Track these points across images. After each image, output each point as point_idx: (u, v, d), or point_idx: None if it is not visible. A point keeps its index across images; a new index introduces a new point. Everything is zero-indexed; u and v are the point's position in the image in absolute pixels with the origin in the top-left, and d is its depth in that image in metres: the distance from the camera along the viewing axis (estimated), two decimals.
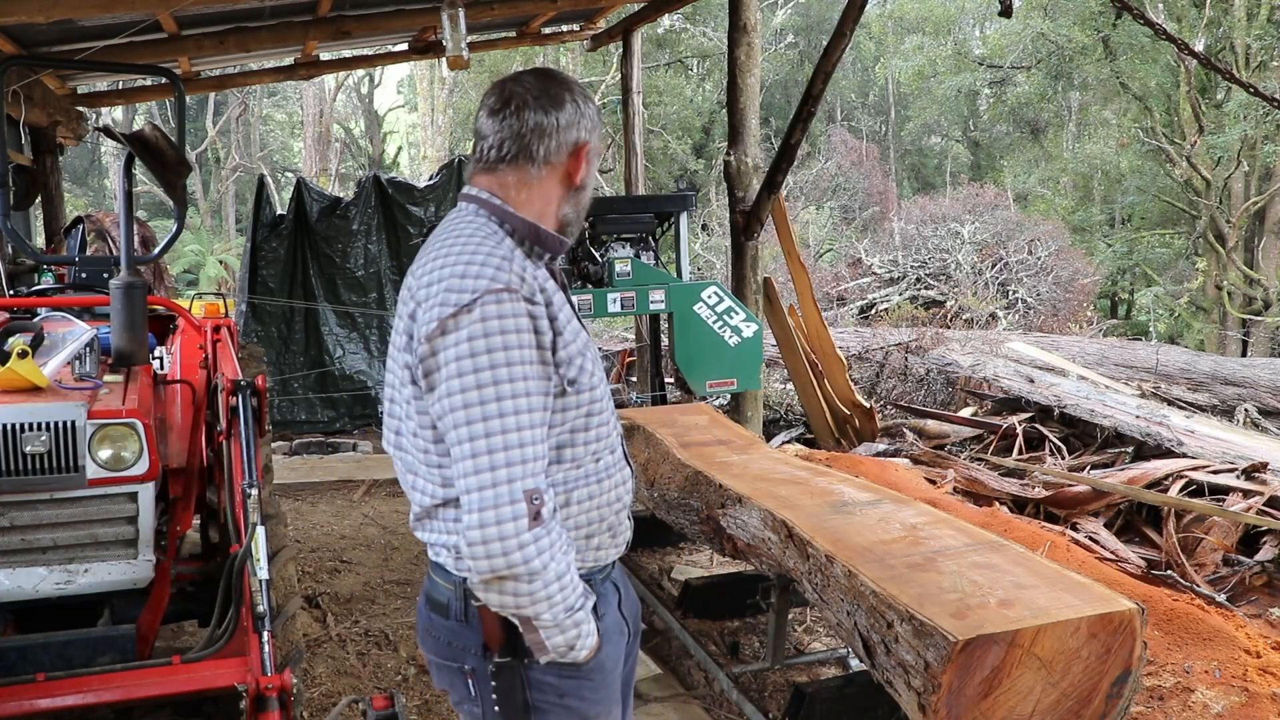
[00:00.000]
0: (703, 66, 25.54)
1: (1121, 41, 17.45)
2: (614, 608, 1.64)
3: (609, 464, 1.60)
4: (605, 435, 1.58)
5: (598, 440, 1.56)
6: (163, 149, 2.96)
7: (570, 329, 1.51)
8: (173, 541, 3.05)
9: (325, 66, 7.97)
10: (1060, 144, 25.49)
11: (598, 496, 1.58)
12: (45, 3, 4.28)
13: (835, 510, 2.89)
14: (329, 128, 24.48)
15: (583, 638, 1.49)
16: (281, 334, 8.30)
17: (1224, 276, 17.41)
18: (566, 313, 1.53)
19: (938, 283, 15.40)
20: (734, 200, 6.09)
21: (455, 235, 1.50)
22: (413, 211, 8.56)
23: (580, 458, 1.54)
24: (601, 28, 7.89)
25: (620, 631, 1.65)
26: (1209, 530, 4.58)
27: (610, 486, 1.60)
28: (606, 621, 1.60)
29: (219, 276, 20.60)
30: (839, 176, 23.16)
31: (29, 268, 5.20)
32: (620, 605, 1.67)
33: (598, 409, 1.55)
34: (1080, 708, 2.04)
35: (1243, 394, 7.62)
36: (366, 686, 3.49)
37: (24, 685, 2.22)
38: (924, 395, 8.42)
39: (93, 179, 28.76)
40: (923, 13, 26.58)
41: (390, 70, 29.15)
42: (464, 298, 1.38)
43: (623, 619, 1.67)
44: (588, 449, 1.55)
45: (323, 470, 6.80)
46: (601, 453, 1.58)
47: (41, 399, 2.57)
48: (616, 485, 1.62)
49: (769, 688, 3.41)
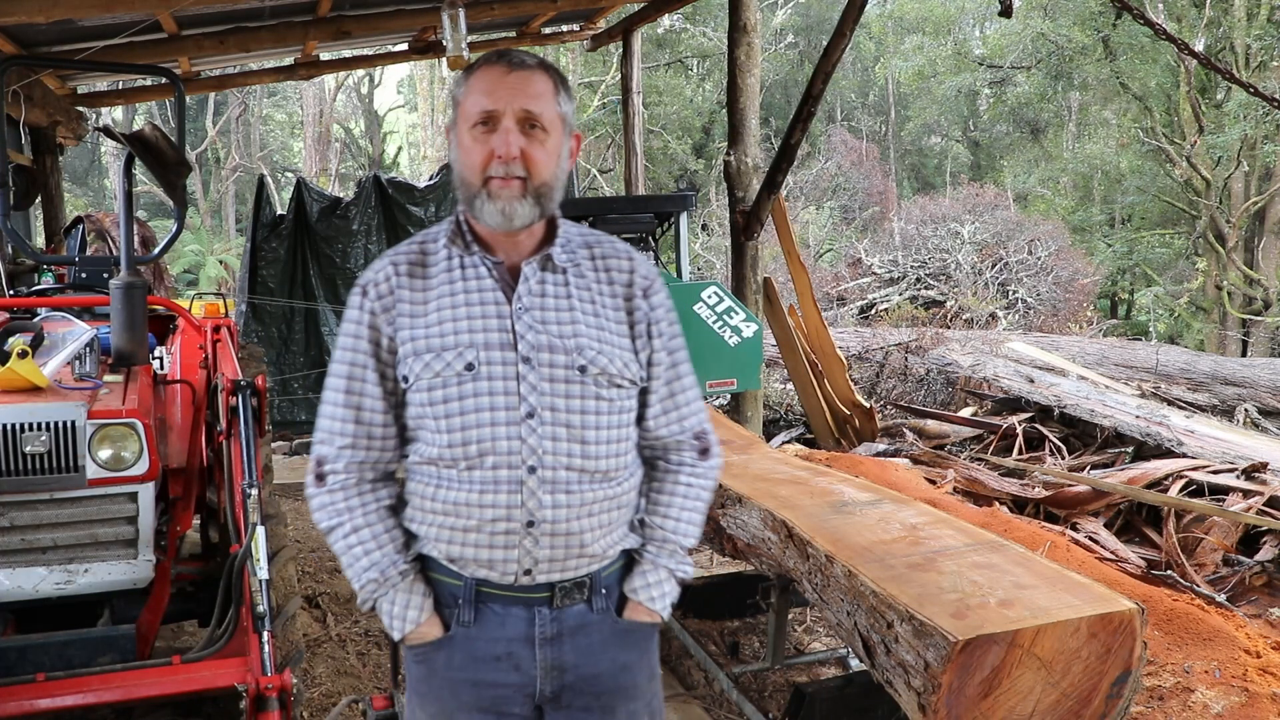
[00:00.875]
0: (703, 66, 25.54)
1: (1121, 41, 17.45)
2: (502, 633, 1.56)
3: (483, 480, 1.50)
4: (464, 444, 1.49)
5: (450, 446, 1.50)
6: (163, 149, 2.96)
7: (430, 329, 1.51)
8: (173, 541, 3.04)
9: (325, 66, 7.98)
10: (1060, 144, 25.49)
11: (444, 502, 1.52)
12: (45, 3, 4.28)
13: (835, 510, 2.89)
14: (329, 128, 24.49)
15: (385, 615, 1.57)
16: (281, 334, 8.30)
17: (1224, 276, 17.41)
18: (445, 314, 1.51)
19: (938, 283, 15.40)
20: (734, 200, 6.09)
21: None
22: (413, 211, 8.56)
23: (425, 452, 1.53)
24: (601, 28, 7.90)
25: (505, 663, 1.56)
26: (1209, 530, 4.58)
27: (470, 501, 1.51)
28: (475, 634, 1.55)
29: (219, 276, 20.60)
30: (839, 176, 23.16)
31: (29, 268, 5.21)
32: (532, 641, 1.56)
33: (441, 413, 1.50)
34: (1080, 708, 2.04)
35: (1243, 394, 7.63)
36: (366, 686, 3.49)
37: (24, 685, 2.22)
38: (924, 395, 8.42)
39: (93, 179, 28.76)
40: (923, 13, 26.59)
41: (390, 70, 29.18)
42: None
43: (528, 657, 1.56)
44: (434, 449, 1.51)
45: None
46: (474, 463, 1.50)
47: (41, 399, 2.57)
48: (487, 506, 1.50)
49: (769, 688, 3.41)
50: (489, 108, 1.46)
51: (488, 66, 1.49)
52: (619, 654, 1.62)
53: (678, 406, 1.65)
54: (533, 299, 1.53)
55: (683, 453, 1.67)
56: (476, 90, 1.48)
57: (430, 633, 1.57)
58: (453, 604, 1.57)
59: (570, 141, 1.57)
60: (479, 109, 1.47)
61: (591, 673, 1.60)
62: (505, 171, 1.46)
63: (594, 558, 1.58)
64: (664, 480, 1.68)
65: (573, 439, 1.51)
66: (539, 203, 1.50)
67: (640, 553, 1.66)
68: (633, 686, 1.65)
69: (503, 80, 1.47)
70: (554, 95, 1.50)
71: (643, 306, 1.60)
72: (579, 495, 1.52)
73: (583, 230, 1.66)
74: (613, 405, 1.55)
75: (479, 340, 1.50)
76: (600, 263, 1.60)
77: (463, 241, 1.56)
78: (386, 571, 1.56)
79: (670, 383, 1.64)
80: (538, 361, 1.50)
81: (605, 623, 1.61)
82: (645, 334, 1.60)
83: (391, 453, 1.60)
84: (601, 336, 1.55)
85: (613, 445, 1.56)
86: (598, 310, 1.57)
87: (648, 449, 1.69)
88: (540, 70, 1.50)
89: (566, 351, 1.51)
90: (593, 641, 1.60)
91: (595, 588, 1.59)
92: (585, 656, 1.59)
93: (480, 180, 1.48)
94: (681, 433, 1.66)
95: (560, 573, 1.55)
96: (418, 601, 1.57)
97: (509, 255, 1.56)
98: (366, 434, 1.56)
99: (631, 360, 1.57)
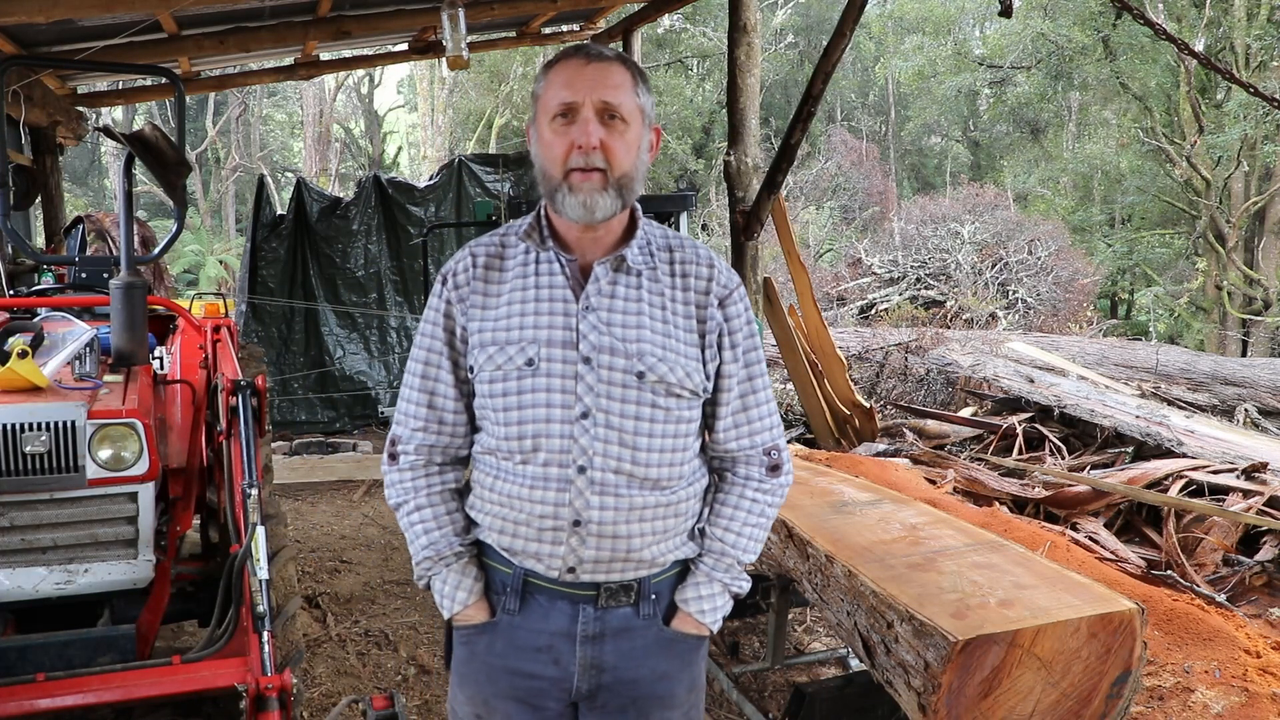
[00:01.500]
0: (703, 66, 25.55)
1: (1121, 41, 17.44)
2: (546, 625, 1.57)
3: (536, 476, 1.51)
4: (520, 437, 1.51)
5: (508, 440, 1.53)
6: (163, 149, 2.96)
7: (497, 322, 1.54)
8: (173, 541, 3.04)
9: (325, 66, 7.97)
10: (1060, 144, 25.49)
11: (501, 493, 1.55)
12: (45, 3, 4.28)
13: (835, 510, 2.89)
14: (329, 128, 24.48)
15: (435, 592, 1.63)
16: (281, 334, 8.30)
17: (1224, 276, 17.41)
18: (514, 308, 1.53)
19: (938, 283, 15.40)
20: (734, 200, 6.08)
21: None
22: (413, 211, 8.56)
23: (487, 442, 1.58)
24: (601, 28, 7.89)
25: (546, 656, 1.57)
26: (1209, 530, 4.58)
27: (523, 495, 1.52)
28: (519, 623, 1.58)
29: (219, 276, 20.61)
30: (839, 176, 23.17)
31: (29, 268, 5.21)
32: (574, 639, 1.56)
33: (501, 406, 1.52)
34: (1080, 708, 2.04)
35: (1243, 394, 7.62)
36: (366, 686, 3.49)
37: (24, 685, 2.21)
38: (924, 395, 8.41)
39: (93, 179, 28.77)
40: (923, 13, 26.58)
41: (390, 70, 29.21)
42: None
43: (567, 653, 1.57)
44: (495, 440, 1.55)
45: (323, 470, 6.80)
46: (522, 455, 1.52)
47: (41, 399, 2.57)
48: (537, 502, 1.52)
49: (769, 688, 3.41)
50: (568, 99, 1.46)
51: (566, 60, 1.51)
52: (660, 662, 1.61)
53: (750, 420, 1.64)
54: (600, 299, 1.53)
55: (751, 467, 1.66)
56: (555, 83, 1.49)
57: (477, 616, 1.61)
58: (501, 591, 1.60)
59: (650, 134, 1.56)
60: (558, 101, 1.47)
61: (630, 677, 1.59)
62: (586, 163, 1.46)
63: (643, 563, 1.57)
64: (729, 493, 1.66)
65: (624, 444, 1.51)
66: (620, 194, 1.50)
67: (696, 563, 1.65)
68: (670, 696, 1.64)
69: (581, 72, 1.48)
70: (633, 87, 1.50)
71: (716, 316, 1.58)
72: (627, 500, 1.52)
73: (668, 232, 1.64)
74: (669, 414, 1.53)
75: (542, 337, 1.51)
76: (679, 267, 1.59)
77: (539, 236, 1.57)
78: (442, 551, 1.61)
79: (744, 396, 1.63)
80: (597, 363, 1.50)
81: (650, 629, 1.60)
82: (716, 344, 1.59)
83: (462, 439, 1.64)
84: (666, 344, 1.53)
85: (666, 454, 1.54)
86: (667, 316, 1.55)
87: (716, 460, 1.68)
88: (618, 62, 1.51)
89: (627, 355, 1.50)
90: (635, 646, 1.59)
91: (644, 593, 1.59)
92: (625, 660, 1.59)
93: (561, 173, 1.48)
94: (752, 447, 1.65)
95: (606, 574, 1.55)
96: (468, 584, 1.61)
97: (585, 253, 1.56)
98: (438, 419, 1.62)
99: (696, 370, 1.55)
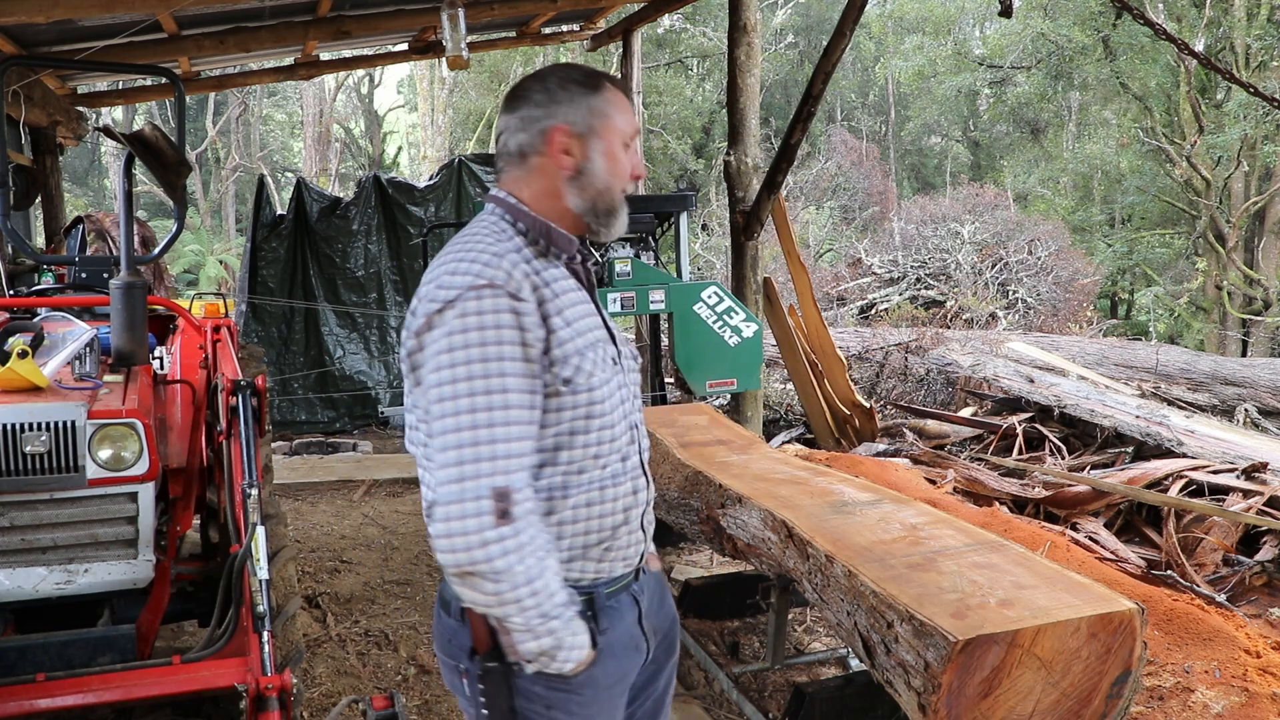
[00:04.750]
0: (703, 66, 25.56)
1: (1121, 41, 17.45)
2: (628, 623, 1.59)
3: (617, 471, 1.54)
4: (612, 439, 1.53)
5: (599, 444, 1.51)
6: (163, 149, 2.96)
7: (574, 327, 1.49)
8: (173, 541, 3.04)
9: (325, 66, 7.97)
10: (1060, 144, 25.49)
11: (599, 504, 1.53)
12: (45, 3, 4.28)
13: (835, 510, 2.89)
14: (329, 128, 24.48)
15: (564, 649, 1.43)
16: (281, 334, 8.30)
17: (1224, 276, 17.41)
18: (574, 311, 1.50)
19: (938, 283, 15.40)
20: (734, 200, 6.09)
21: (464, 235, 1.51)
22: (413, 211, 8.56)
23: (580, 460, 1.49)
24: (601, 28, 7.90)
25: (635, 648, 1.60)
26: (1209, 530, 4.58)
27: (616, 495, 1.55)
28: (611, 636, 1.55)
29: (219, 276, 20.61)
30: (839, 176, 23.16)
31: (29, 268, 5.21)
32: (641, 620, 1.61)
33: (600, 411, 1.49)
34: (1080, 708, 2.04)
35: (1243, 394, 7.63)
36: (366, 686, 3.49)
37: (24, 685, 2.21)
38: (924, 395, 8.41)
39: (93, 179, 28.78)
40: (923, 13, 26.58)
41: (390, 70, 29.20)
42: (449, 294, 1.38)
43: (642, 635, 1.62)
44: (588, 452, 1.50)
45: (323, 470, 6.80)
46: (608, 458, 1.53)
47: (41, 399, 2.57)
48: (624, 495, 1.56)
49: (769, 688, 3.41)
50: (633, 130, 1.57)
51: (617, 88, 1.58)
52: (667, 598, 1.77)
53: None
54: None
55: None
56: (623, 110, 1.56)
57: (591, 654, 1.51)
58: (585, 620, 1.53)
59: None
60: (632, 128, 1.57)
61: (664, 624, 1.72)
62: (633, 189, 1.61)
63: None
64: None
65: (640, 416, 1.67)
66: None
67: None
68: (677, 623, 1.79)
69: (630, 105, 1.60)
70: None
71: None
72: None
73: None
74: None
75: (602, 335, 1.57)
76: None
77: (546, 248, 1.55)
78: (567, 608, 1.46)
79: None
80: (625, 352, 1.62)
81: (653, 577, 1.72)
82: None
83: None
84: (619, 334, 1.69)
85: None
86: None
87: None
88: None
89: (622, 343, 1.64)
90: (654, 595, 1.70)
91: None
92: (658, 609, 1.71)
93: (621, 192, 1.58)
94: None
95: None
96: (582, 626, 1.49)
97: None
98: (534, 452, 1.44)
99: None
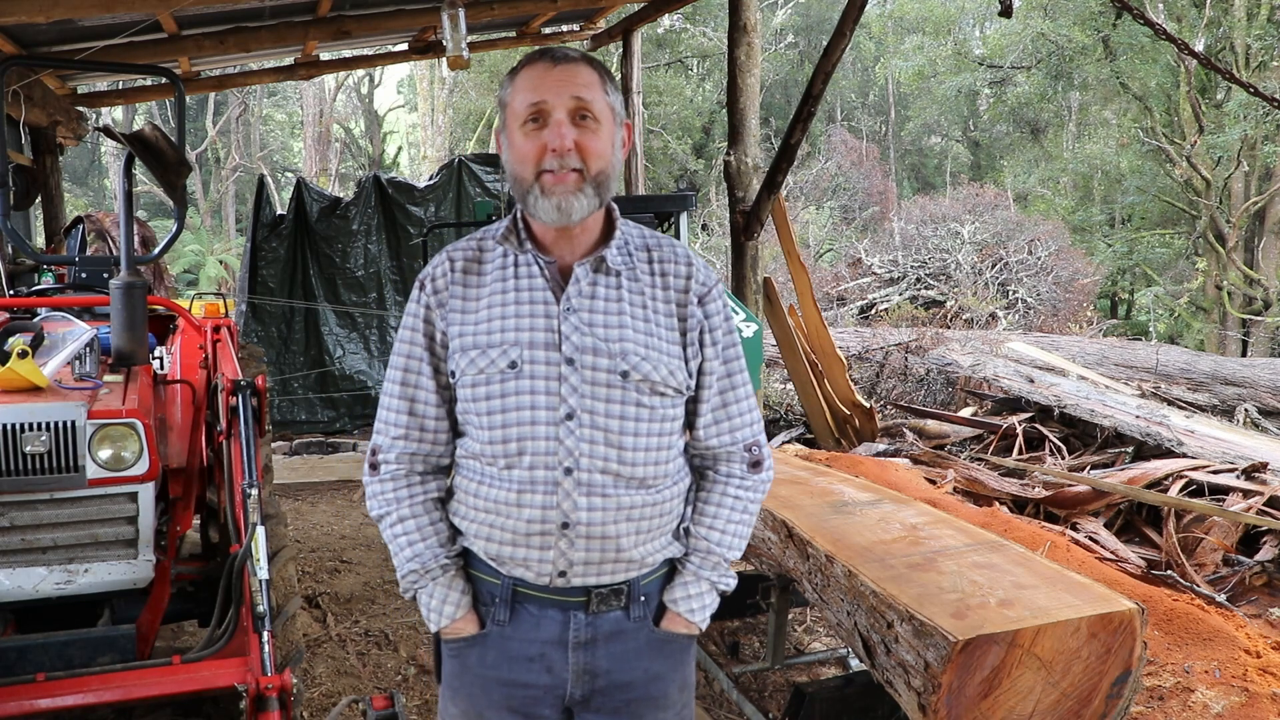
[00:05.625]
0: (703, 66, 25.55)
1: (1121, 41, 17.44)
2: (539, 634, 1.56)
3: (520, 480, 1.50)
4: (504, 441, 1.50)
5: (490, 443, 1.51)
6: (163, 149, 2.96)
7: (476, 325, 1.52)
8: (173, 541, 3.04)
9: (325, 66, 7.97)
10: (1060, 144, 25.49)
11: (487, 499, 1.53)
12: (45, 3, 4.28)
13: (835, 510, 2.89)
14: (329, 128, 24.47)
15: (424, 607, 1.60)
16: (281, 334, 8.30)
17: (1224, 276, 17.41)
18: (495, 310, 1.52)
19: (938, 283, 15.40)
20: (734, 200, 6.09)
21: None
22: (413, 211, 8.56)
23: (476, 450, 1.55)
24: (601, 28, 7.90)
25: (535, 661, 1.56)
26: (1209, 530, 4.57)
27: (509, 499, 1.51)
28: (509, 632, 1.56)
29: (219, 276, 20.61)
30: (839, 176, 23.17)
31: (29, 268, 5.21)
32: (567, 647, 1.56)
33: (479, 410, 1.51)
34: (1080, 708, 2.04)
35: (1243, 394, 7.62)
36: (366, 686, 3.49)
37: (24, 685, 2.21)
38: (924, 395, 8.41)
39: (93, 179, 28.78)
40: (923, 13, 26.57)
41: (390, 70, 29.21)
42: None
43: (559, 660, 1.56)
44: (486, 448, 1.52)
45: (323, 470, 6.80)
46: (512, 459, 1.50)
47: (41, 399, 2.57)
48: (528, 507, 1.50)
49: (769, 688, 3.41)
50: (538, 102, 1.46)
51: (532, 64, 1.50)
52: (652, 663, 1.61)
53: (730, 417, 1.64)
54: (581, 300, 1.52)
55: (732, 464, 1.65)
56: (523, 88, 1.48)
57: (465, 629, 1.59)
58: (490, 602, 1.58)
59: (622, 131, 1.56)
60: (528, 104, 1.46)
61: (623, 680, 1.59)
62: (560, 165, 1.45)
63: (632, 564, 1.56)
64: (712, 490, 1.65)
65: (610, 443, 1.50)
66: (597, 193, 1.49)
67: (683, 563, 1.64)
68: (663, 696, 1.64)
69: (548, 74, 1.47)
70: (601, 85, 1.50)
71: (696, 314, 1.58)
72: (614, 500, 1.51)
73: (645, 232, 1.63)
74: (654, 413, 1.53)
75: (524, 339, 1.50)
76: (658, 266, 1.59)
77: (517, 239, 1.56)
78: (427, 564, 1.58)
79: (724, 392, 1.63)
80: (580, 364, 1.49)
81: (641, 631, 1.60)
82: (697, 342, 1.59)
83: (444, 446, 1.62)
84: (649, 343, 1.53)
85: (651, 453, 1.54)
86: (648, 315, 1.55)
87: (697, 458, 1.67)
88: (585, 62, 1.50)
89: (610, 355, 1.50)
90: (627, 649, 1.59)
91: (634, 595, 1.59)
92: (618, 663, 1.58)
93: (533, 175, 1.47)
94: (733, 444, 1.64)
95: (596, 577, 1.54)
96: (455, 597, 1.59)
97: (564, 254, 1.55)
98: (419, 426, 1.59)
99: (679, 368, 1.55)
